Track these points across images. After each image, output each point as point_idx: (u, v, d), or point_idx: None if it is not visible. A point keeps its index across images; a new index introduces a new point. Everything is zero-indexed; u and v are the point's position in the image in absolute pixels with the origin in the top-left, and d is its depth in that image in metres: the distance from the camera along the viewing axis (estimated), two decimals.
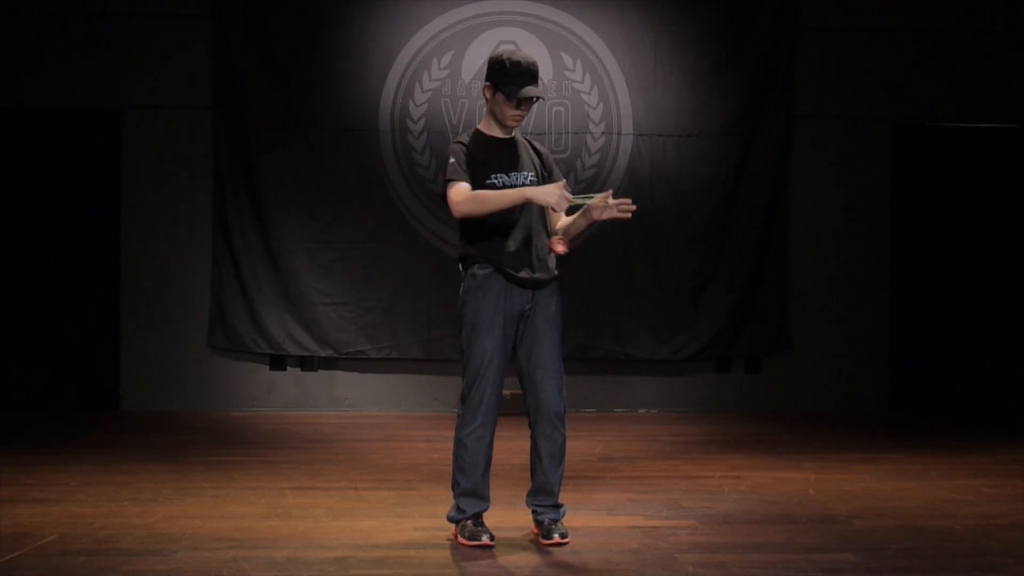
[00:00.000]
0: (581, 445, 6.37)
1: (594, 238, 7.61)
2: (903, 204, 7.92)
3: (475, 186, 4.11)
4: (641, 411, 7.70)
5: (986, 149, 8.00)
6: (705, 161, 7.66)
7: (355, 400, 7.66)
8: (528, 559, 4.01)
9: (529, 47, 7.53)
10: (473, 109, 7.48)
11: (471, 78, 7.53)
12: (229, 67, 7.49)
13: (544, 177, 4.26)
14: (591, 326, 7.63)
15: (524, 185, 4.15)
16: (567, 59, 7.60)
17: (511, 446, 6.37)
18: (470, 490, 4.19)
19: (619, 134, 7.63)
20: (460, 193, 4.05)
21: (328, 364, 7.64)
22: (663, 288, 7.66)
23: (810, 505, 4.88)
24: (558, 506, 4.27)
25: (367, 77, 7.55)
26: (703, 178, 7.65)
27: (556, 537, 4.17)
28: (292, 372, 7.65)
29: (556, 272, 4.26)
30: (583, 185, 7.60)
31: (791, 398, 7.76)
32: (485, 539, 4.13)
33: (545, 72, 7.54)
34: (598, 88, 7.62)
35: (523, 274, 4.14)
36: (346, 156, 7.54)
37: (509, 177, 4.16)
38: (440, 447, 5.94)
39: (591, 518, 4.62)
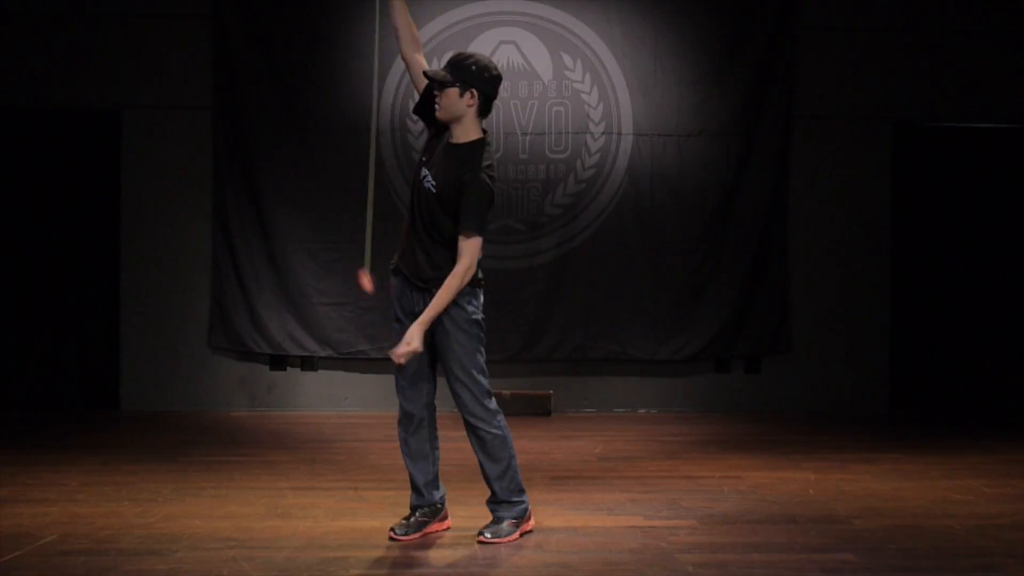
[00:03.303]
0: (581, 445, 6.38)
1: (594, 238, 7.63)
2: (903, 204, 7.92)
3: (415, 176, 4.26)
4: (641, 411, 7.70)
5: (986, 149, 8.00)
6: (705, 161, 7.66)
7: (355, 400, 7.67)
8: (529, 559, 4.02)
9: (529, 47, 7.56)
10: None
11: None
12: (229, 67, 7.49)
13: (452, 191, 4.11)
14: (591, 326, 7.63)
15: (426, 184, 4.16)
16: (567, 59, 7.60)
17: None
18: (410, 480, 4.37)
19: (619, 134, 7.63)
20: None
21: (328, 364, 7.64)
22: (663, 288, 7.66)
23: (810, 505, 4.88)
24: (499, 502, 4.30)
25: (367, 77, 7.54)
26: (703, 178, 7.66)
27: (481, 535, 4.24)
28: (292, 372, 7.65)
29: (445, 276, 4.14)
30: (583, 185, 7.60)
31: (791, 398, 7.76)
32: (390, 531, 4.29)
33: (545, 72, 7.57)
34: (598, 88, 7.62)
35: (409, 275, 4.24)
36: (346, 156, 7.53)
37: (422, 172, 4.20)
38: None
39: (591, 518, 4.62)
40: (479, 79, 4.12)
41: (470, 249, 4.08)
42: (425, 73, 4.18)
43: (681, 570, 3.86)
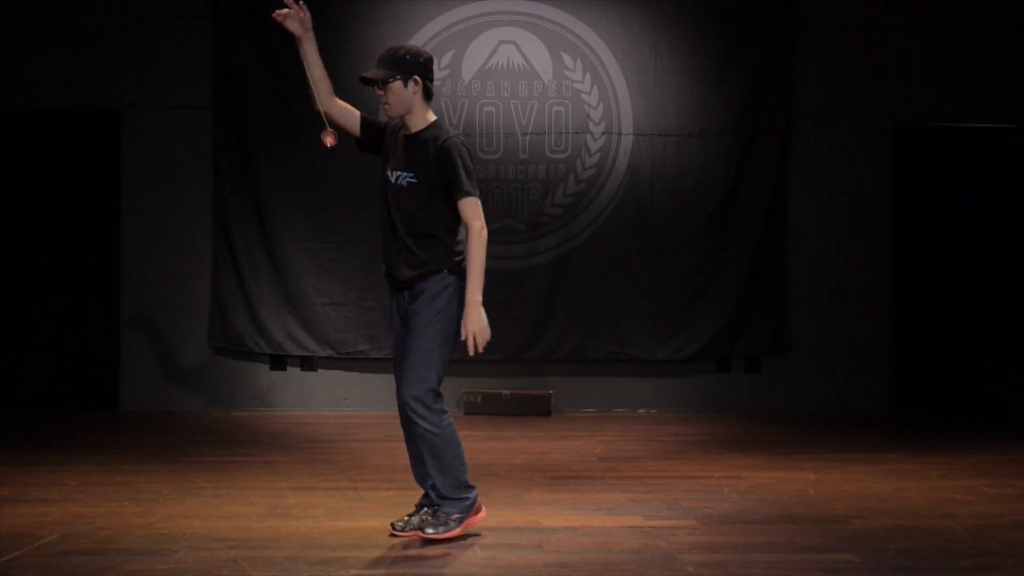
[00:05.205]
0: (581, 445, 6.38)
1: (594, 238, 7.63)
2: (903, 204, 7.92)
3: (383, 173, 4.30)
4: (641, 411, 7.70)
5: (986, 149, 8.00)
6: (705, 161, 7.66)
7: (355, 400, 7.67)
8: (528, 559, 4.02)
9: (529, 47, 7.56)
10: (473, 109, 7.48)
11: (471, 78, 7.53)
12: (229, 67, 7.49)
13: (429, 174, 4.18)
14: (591, 326, 7.63)
15: (398, 182, 4.21)
16: (567, 59, 7.60)
17: (511, 446, 6.39)
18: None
19: (619, 134, 7.63)
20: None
21: (328, 364, 7.64)
22: (663, 288, 7.66)
23: (810, 505, 4.88)
24: (443, 497, 4.24)
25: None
26: (703, 178, 7.66)
27: (422, 531, 4.23)
28: (292, 372, 7.65)
29: (427, 269, 4.18)
30: (583, 185, 7.60)
31: (791, 398, 7.76)
32: (390, 525, 4.34)
33: (545, 72, 7.57)
34: (598, 88, 7.62)
35: (391, 274, 4.28)
36: (346, 156, 7.50)
37: (391, 175, 4.25)
38: None
39: (591, 518, 4.62)
40: (416, 65, 4.26)
41: (472, 210, 4.14)
42: (363, 78, 4.32)
43: (681, 570, 3.86)
